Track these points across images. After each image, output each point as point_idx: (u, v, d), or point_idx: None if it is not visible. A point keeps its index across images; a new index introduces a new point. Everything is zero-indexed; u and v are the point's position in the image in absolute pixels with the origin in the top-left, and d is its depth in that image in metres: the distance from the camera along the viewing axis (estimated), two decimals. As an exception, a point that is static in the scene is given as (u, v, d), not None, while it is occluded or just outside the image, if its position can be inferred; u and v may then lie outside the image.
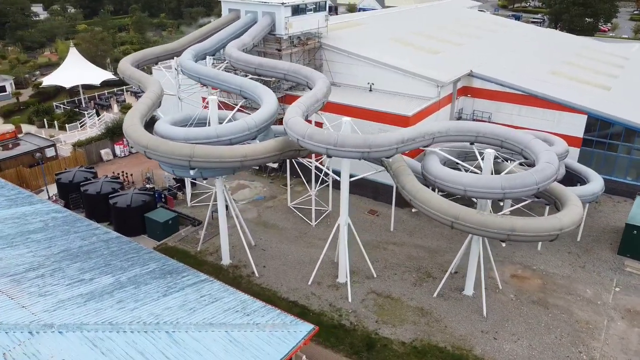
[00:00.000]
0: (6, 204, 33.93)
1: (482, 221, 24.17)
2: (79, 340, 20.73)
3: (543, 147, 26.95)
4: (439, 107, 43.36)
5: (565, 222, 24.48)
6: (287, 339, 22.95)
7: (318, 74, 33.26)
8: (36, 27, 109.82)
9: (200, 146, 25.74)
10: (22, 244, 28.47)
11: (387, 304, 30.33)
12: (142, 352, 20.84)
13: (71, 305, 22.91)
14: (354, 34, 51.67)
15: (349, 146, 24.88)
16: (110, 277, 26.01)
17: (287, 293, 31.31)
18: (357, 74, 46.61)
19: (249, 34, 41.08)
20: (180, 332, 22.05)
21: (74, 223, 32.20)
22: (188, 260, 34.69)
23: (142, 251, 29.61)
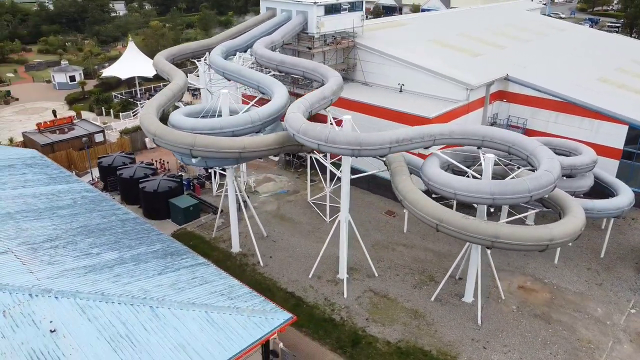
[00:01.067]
0: (46, 182, 37.30)
1: (465, 226, 23.75)
2: (71, 306, 22.73)
3: (547, 154, 25.89)
4: (468, 110, 42.42)
5: (556, 234, 23.50)
6: (263, 324, 23.82)
7: (332, 72, 33.76)
8: (113, 22, 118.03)
9: (201, 136, 27.17)
10: (48, 217, 31.31)
11: (382, 303, 30.38)
12: (125, 322, 22.50)
13: (72, 274, 25.07)
14: (392, 35, 51.52)
15: (339, 143, 25.29)
16: (115, 253, 28.10)
17: (286, 284, 32.18)
18: (388, 74, 46.54)
19: (279, 32, 42.31)
20: (163, 308, 23.51)
21: (99, 202, 34.90)
22: (202, 246, 36.63)
23: (152, 232, 31.62)
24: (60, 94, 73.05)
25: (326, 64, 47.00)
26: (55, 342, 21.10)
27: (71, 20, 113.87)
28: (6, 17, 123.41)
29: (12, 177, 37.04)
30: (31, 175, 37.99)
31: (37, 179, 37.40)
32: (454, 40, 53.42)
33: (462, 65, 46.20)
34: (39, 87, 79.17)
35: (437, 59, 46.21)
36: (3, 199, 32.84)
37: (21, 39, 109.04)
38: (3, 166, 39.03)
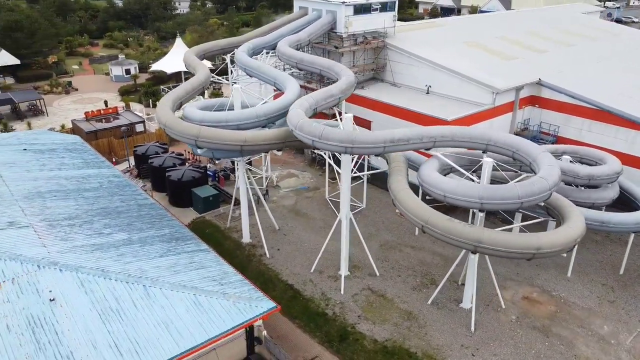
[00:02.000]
0: (80, 165, 40.17)
1: (449, 228, 23.51)
2: (72, 279, 24.65)
3: (548, 161, 25.07)
4: (493, 114, 41.36)
5: (544, 243, 22.78)
6: (246, 311, 24.76)
7: (346, 71, 34.13)
8: (174, 19, 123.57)
9: (206, 128, 28.48)
10: (73, 198, 33.82)
11: (377, 302, 30.49)
12: (117, 297, 24.16)
13: (80, 251, 27.10)
14: (425, 36, 50.97)
15: (332, 140, 25.67)
16: (125, 234, 30.02)
17: (287, 276, 32.96)
18: (416, 75, 46.18)
19: (305, 30, 43.09)
20: (155, 288, 24.99)
21: (123, 187, 37.22)
22: (216, 234, 38.18)
23: (164, 218, 33.43)
24: (116, 86, 77.72)
25: (355, 63, 47.59)
26: (52, 309, 23.02)
27: (135, 16, 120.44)
28: (80, 13, 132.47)
29: (51, 160, 40.16)
30: (68, 159, 41.02)
31: (73, 163, 40.34)
32: (491, 42, 52.05)
33: (494, 68, 45.04)
34: (99, 79, 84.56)
35: (467, 61, 45.31)
36: (38, 179, 35.75)
37: (90, 33, 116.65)
38: (46, 149, 42.36)
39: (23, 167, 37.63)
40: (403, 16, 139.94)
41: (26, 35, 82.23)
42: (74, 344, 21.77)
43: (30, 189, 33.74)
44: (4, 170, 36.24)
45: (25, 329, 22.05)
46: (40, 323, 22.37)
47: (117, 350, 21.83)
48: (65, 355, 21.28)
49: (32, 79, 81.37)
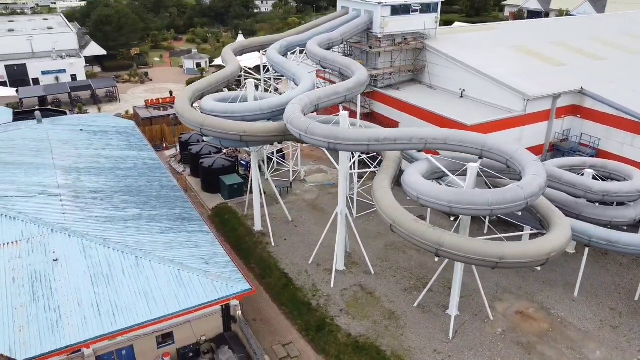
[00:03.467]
0: (123, 147, 44.09)
1: (413, 230, 23.43)
2: (76, 244, 27.71)
3: (534, 171, 24.14)
4: (524, 122, 39.66)
5: (508, 253, 22.04)
6: (222, 290, 26.43)
7: (360, 71, 34.53)
8: (254, 17, 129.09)
9: (211, 117, 30.47)
10: (105, 175, 37.40)
11: (364, 299, 30.83)
12: (110, 265, 26.85)
13: (92, 221, 30.20)
14: (470, 39, 49.69)
15: (316, 135, 26.50)
16: (137, 211, 32.86)
17: (286, 265, 34.19)
18: (452, 78, 45.33)
19: (339, 30, 43.93)
20: (145, 260, 27.38)
21: (153, 169, 40.41)
22: (233, 220, 40.35)
23: (180, 200, 35.98)
24: (186, 78, 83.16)
25: (392, 64, 47.61)
26: (53, 268, 26.13)
27: (219, 14, 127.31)
28: (172, 9, 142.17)
29: (100, 141, 44.45)
30: (115, 141, 45.16)
31: (118, 145, 44.37)
32: (543, 48, 49.51)
33: (535, 75, 43.02)
34: (173, 71, 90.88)
35: (506, 66, 43.70)
36: (82, 157, 39.87)
37: (177, 29, 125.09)
38: (99, 131, 46.89)
39: (73, 145, 42.08)
40: (486, 19, 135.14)
41: (114, 29, 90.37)
42: (63, 299, 24.63)
43: (71, 164, 37.80)
44: (56, 147, 40.79)
45: (27, 282, 25.28)
46: (40, 278, 25.52)
47: (97, 310, 24.40)
48: (53, 308, 24.17)
49: (116, 68, 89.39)
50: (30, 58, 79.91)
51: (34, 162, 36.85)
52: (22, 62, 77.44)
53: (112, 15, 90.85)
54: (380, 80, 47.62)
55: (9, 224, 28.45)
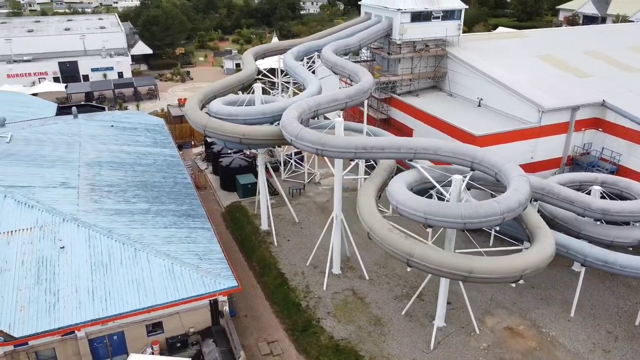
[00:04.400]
0: (148, 144, 46.49)
1: (386, 238, 23.73)
2: (83, 234, 29.81)
3: (515, 186, 23.91)
4: (538, 134, 38.69)
5: (476, 267, 21.96)
6: (209, 285, 27.74)
7: (365, 79, 34.87)
8: (300, 19, 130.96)
9: (213, 120, 31.88)
10: (124, 170, 39.67)
11: (353, 304, 31.28)
12: (110, 254, 28.75)
13: (102, 213, 32.31)
14: (494, 46, 48.76)
15: (305, 140, 27.26)
16: (147, 205, 34.78)
17: (284, 265, 35.14)
18: (471, 87, 44.81)
19: (357, 36, 44.38)
20: (142, 252, 29.10)
21: (171, 166, 42.40)
22: (243, 219, 41.74)
23: (190, 196, 37.69)
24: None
25: (413, 70, 47.56)
26: (59, 255, 28.28)
27: (264, 15, 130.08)
28: (222, 10, 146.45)
29: (128, 137, 47.03)
30: (142, 138, 47.66)
31: (144, 141, 46.82)
32: (573, 57, 47.85)
33: (556, 85, 41.79)
34: (214, 71, 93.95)
35: (526, 76, 42.68)
36: (107, 151, 42.42)
37: (224, 29, 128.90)
38: (129, 128, 49.59)
39: (101, 139, 44.79)
40: (538, 23, 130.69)
41: (161, 29, 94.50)
42: (63, 284, 26.69)
43: (95, 158, 40.35)
44: (84, 141, 43.60)
45: (34, 265, 27.53)
46: (45, 263, 27.72)
47: (91, 296, 26.30)
48: (53, 292, 26.26)
49: (161, 67, 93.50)
50: (82, 56, 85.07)
51: (61, 155, 39.57)
52: (74, 59, 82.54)
53: (160, 16, 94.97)
54: (400, 86, 47.69)
55: (26, 212, 30.93)
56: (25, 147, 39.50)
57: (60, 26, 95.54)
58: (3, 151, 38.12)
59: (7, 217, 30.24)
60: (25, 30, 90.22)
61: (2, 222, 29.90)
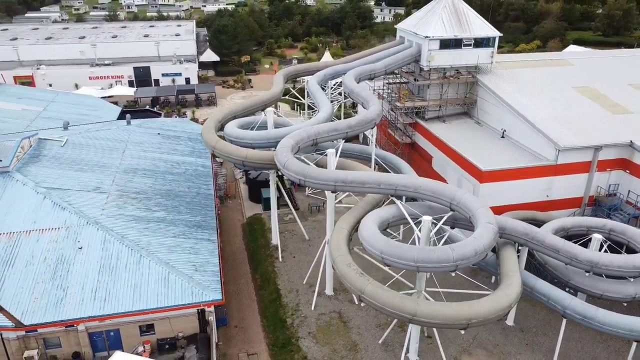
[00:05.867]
0: (186, 153, 50.30)
1: (343, 273, 24.82)
2: (100, 236, 33.60)
3: (479, 233, 24.16)
4: (554, 172, 37.46)
5: (421, 312, 22.52)
6: (196, 296, 30.38)
7: (371, 109, 35.80)
8: (368, 28, 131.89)
9: (221, 141, 34.49)
10: (155, 178, 43.50)
11: (335, 326, 32.54)
12: (118, 258, 32.25)
13: (122, 218, 36.07)
14: (531, 75, 47.25)
15: (291, 170, 28.99)
16: (164, 214, 38.17)
17: (282, 281, 37.08)
18: (497, 117, 44.07)
19: (384, 61, 45.18)
20: (146, 259, 32.32)
21: (200, 177, 45.74)
22: (259, 231, 44.27)
23: (207, 208, 40.67)
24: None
25: (443, 96, 47.53)
26: (76, 255, 32.20)
27: (335, 24, 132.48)
28: (297, 17, 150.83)
29: (169, 145, 51.20)
30: (182, 147, 51.65)
31: (182, 150, 50.74)
32: (614, 91, 45.22)
33: (587, 121, 40.06)
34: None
35: (553, 109, 41.27)
36: (145, 159, 46.58)
37: (295, 37, 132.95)
38: (173, 136, 53.84)
39: (144, 147, 49.23)
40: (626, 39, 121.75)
41: (229, 38, 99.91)
42: (73, 282, 30.48)
43: (132, 165, 44.60)
44: (129, 148, 48.16)
45: (53, 262, 31.61)
46: (63, 261, 31.71)
47: (93, 295, 29.83)
48: (63, 287, 30.11)
49: (227, 73, 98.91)
50: (156, 61, 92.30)
51: (103, 161, 44.16)
52: (147, 64, 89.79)
53: (228, 25, 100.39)
54: (428, 112, 47.81)
55: (59, 213, 35.30)
56: (75, 152, 44.47)
57: (141, 32, 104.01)
58: (56, 154, 43.26)
59: (42, 217, 34.74)
60: (110, 36, 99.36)
61: (37, 220, 34.44)
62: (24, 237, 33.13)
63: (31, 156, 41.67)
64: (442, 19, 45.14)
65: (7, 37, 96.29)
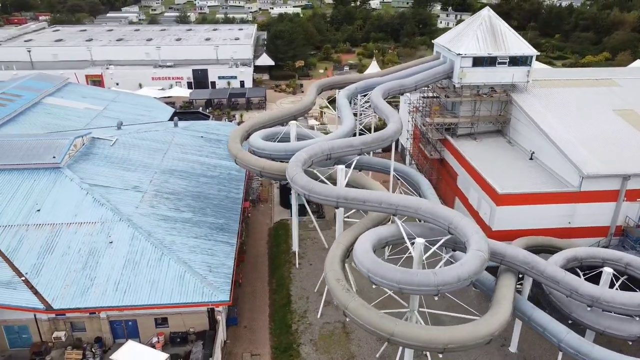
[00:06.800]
0: (223, 156, 52.83)
1: (332, 287, 25.93)
2: (130, 233, 36.63)
3: (464, 260, 24.50)
4: (577, 199, 36.41)
5: (398, 332, 23.22)
6: (206, 296, 32.56)
7: (390, 127, 36.45)
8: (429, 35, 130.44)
9: (242, 151, 36.53)
10: (189, 180, 46.43)
11: (337, 336, 33.65)
12: (142, 254, 35.08)
13: (151, 217, 39.04)
14: (569, 95, 45.75)
15: (297, 185, 30.44)
16: (190, 215, 40.83)
17: (295, 287, 38.62)
18: (528, 137, 43.27)
19: (414, 77, 45.50)
20: (166, 257, 34.96)
21: (231, 181, 48.28)
22: (282, 236, 46.13)
23: (232, 211, 42.99)
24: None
25: (476, 113, 47.18)
26: (106, 248, 35.41)
27: (394, 30, 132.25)
28: (358, 21, 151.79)
29: (210, 149, 54.23)
30: (221, 150, 54.43)
31: (221, 154, 53.51)
32: (660, 115, 43.09)
33: (618, 148, 38.51)
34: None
35: (586, 133, 39.93)
36: (184, 161, 49.80)
37: (354, 42, 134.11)
38: (214, 139, 56.88)
39: (185, 149, 52.48)
40: None
41: (285, 43, 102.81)
42: (100, 274, 33.57)
43: (170, 166, 47.84)
44: (171, 149, 51.54)
45: (85, 254, 34.93)
46: (94, 254, 34.96)
47: (115, 287, 32.74)
48: (91, 278, 33.27)
49: (281, 77, 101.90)
50: (214, 64, 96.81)
51: (145, 161, 47.67)
52: (205, 67, 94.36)
53: (285, 31, 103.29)
54: (460, 128, 47.58)
55: (96, 208, 38.77)
56: (122, 151, 48.28)
57: (204, 35, 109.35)
58: (105, 153, 47.18)
59: (82, 211, 38.32)
60: (175, 39, 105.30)
61: (78, 214, 38.07)
62: (65, 229, 36.75)
63: (82, 154, 45.68)
64: (477, 36, 44.82)
65: (83, 38, 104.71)
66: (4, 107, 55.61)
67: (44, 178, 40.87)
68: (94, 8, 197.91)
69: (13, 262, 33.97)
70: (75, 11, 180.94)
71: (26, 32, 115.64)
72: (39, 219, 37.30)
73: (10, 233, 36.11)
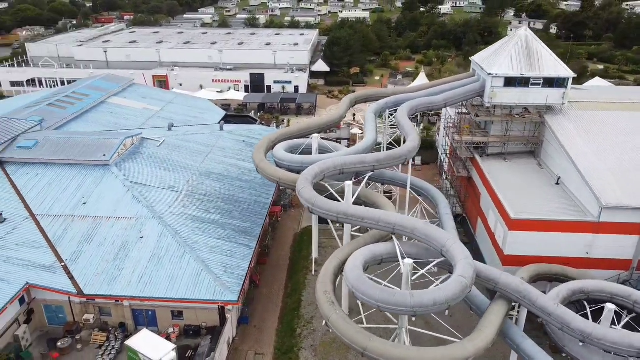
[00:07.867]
0: (260, 162, 55.70)
1: (319, 298, 27.34)
2: (159, 230, 39.97)
3: (445, 285, 25.20)
4: (595, 230, 35.40)
5: (371, 348, 24.29)
6: (217, 294, 35.12)
7: (405, 145, 37.28)
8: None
9: (264, 161, 38.73)
10: (223, 182, 49.46)
11: (338, 344, 34.98)
12: (167, 250, 38.26)
13: (181, 217, 42.23)
14: (607, 119, 44.01)
15: (303, 197, 32.11)
16: (218, 217, 43.68)
17: (307, 293, 40.35)
18: (557, 162, 42.33)
19: (444, 95, 45.71)
20: (188, 255, 37.92)
21: (264, 186, 50.64)
22: (306, 242, 48.02)
23: (258, 216, 45.45)
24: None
25: (508, 133, 46.66)
26: (137, 243, 38.95)
27: (457, 37, 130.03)
28: (423, 28, 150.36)
29: (248, 153, 56.63)
30: (259, 155, 57.16)
31: (258, 159, 56.22)
32: None
33: None
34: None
35: (616, 160, 38.49)
36: (222, 164, 53.00)
37: (415, 49, 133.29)
38: (254, 144, 59.74)
39: (225, 153, 55.73)
40: None
41: (341, 50, 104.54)
42: (127, 265, 37.10)
43: (209, 168, 51.12)
44: (212, 152, 54.91)
45: (118, 246, 38.64)
46: (125, 247, 38.59)
47: (139, 279, 36.09)
48: (119, 269, 36.84)
49: (335, 84, 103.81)
50: (271, 68, 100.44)
51: (185, 162, 51.27)
52: (262, 71, 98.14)
53: (342, 38, 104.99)
54: (491, 147, 47.20)
55: (133, 204, 42.53)
56: (167, 152, 52.19)
57: (265, 40, 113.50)
58: (151, 153, 51.24)
59: (121, 206, 42.23)
60: (237, 43, 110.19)
61: (117, 209, 42.02)
62: (105, 222, 40.76)
63: (131, 153, 49.93)
64: (510, 55, 44.34)
65: (154, 40, 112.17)
66: (73, 106, 61.53)
67: (93, 174, 45.30)
68: (172, 9, 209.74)
69: (57, 248, 38.34)
70: (155, 12, 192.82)
71: (105, 33, 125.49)
72: (84, 211, 41.60)
73: (58, 222, 40.64)
